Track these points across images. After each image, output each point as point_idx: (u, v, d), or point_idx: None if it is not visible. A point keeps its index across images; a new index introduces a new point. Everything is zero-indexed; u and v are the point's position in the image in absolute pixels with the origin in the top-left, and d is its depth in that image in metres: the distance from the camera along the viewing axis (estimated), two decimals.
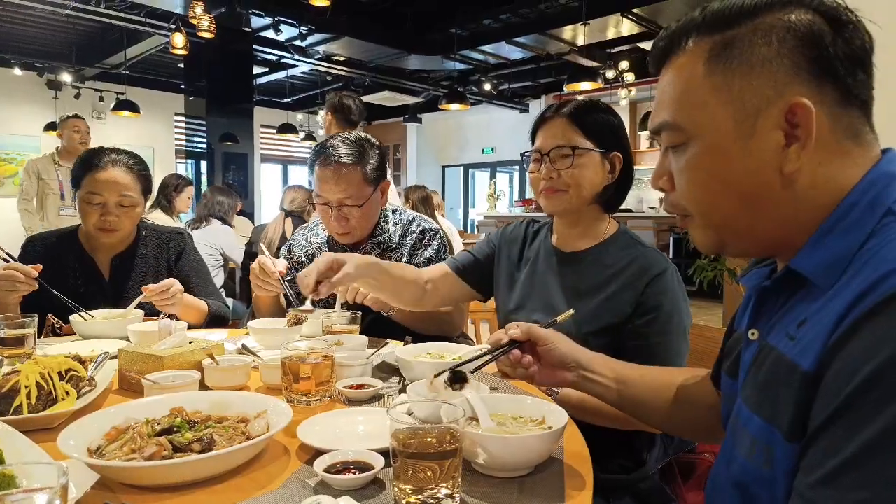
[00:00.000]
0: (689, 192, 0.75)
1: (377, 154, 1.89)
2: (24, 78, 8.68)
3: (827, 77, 0.66)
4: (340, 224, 1.85)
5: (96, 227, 1.87)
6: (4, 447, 0.81)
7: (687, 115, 0.72)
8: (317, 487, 0.83)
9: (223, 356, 1.35)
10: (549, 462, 0.92)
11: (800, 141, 0.66)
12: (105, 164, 1.88)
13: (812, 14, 0.67)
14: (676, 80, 0.74)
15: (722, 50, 0.69)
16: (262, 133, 11.42)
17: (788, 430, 0.63)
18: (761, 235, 0.73)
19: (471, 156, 12.54)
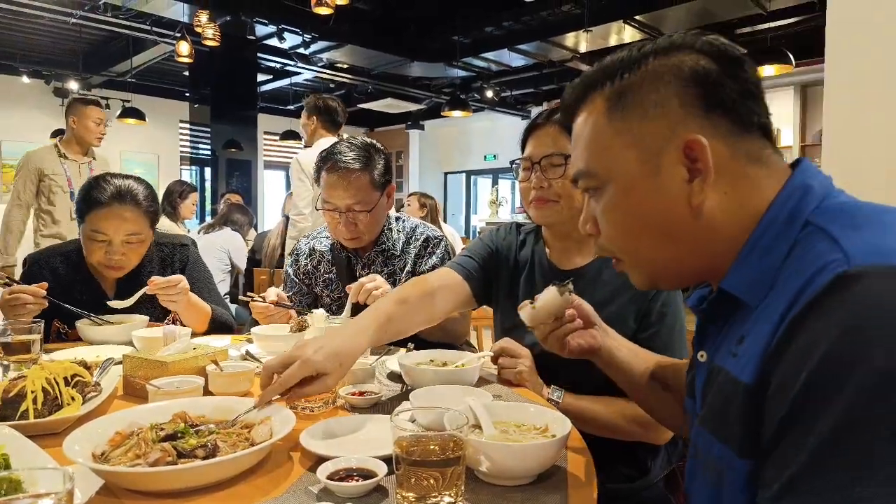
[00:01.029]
0: (611, 234, 0.80)
1: (383, 159, 1.91)
2: (32, 86, 8.75)
3: (718, 111, 0.71)
4: (349, 229, 1.86)
5: (101, 264, 1.81)
6: (11, 452, 0.82)
7: (597, 161, 0.78)
8: (320, 494, 0.83)
9: (227, 362, 1.35)
10: (553, 470, 0.92)
11: (701, 174, 0.70)
12: (110, 201, 1.76)
13: (697, 55, 0.72)
14: (584, 130, 0.79)
15: (618, 99, 0.75)
16: (265, 140, 11.46)
17: (739, 447, 0.65)
18: (687, 267, 0.77)
19: (473, 162, 12.56)
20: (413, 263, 1.96)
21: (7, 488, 0.68)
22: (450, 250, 2.02)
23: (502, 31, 7.84)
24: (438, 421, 0.84)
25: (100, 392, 1.17)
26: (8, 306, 1.62)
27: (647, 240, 0.76)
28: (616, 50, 0.79)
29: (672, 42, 0.75)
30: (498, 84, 9.74)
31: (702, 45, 0.73)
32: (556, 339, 1.07)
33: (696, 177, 0.70)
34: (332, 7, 4.84)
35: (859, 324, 0.54)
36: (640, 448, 1.35)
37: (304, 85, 10.60)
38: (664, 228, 0.74)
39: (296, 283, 2.05)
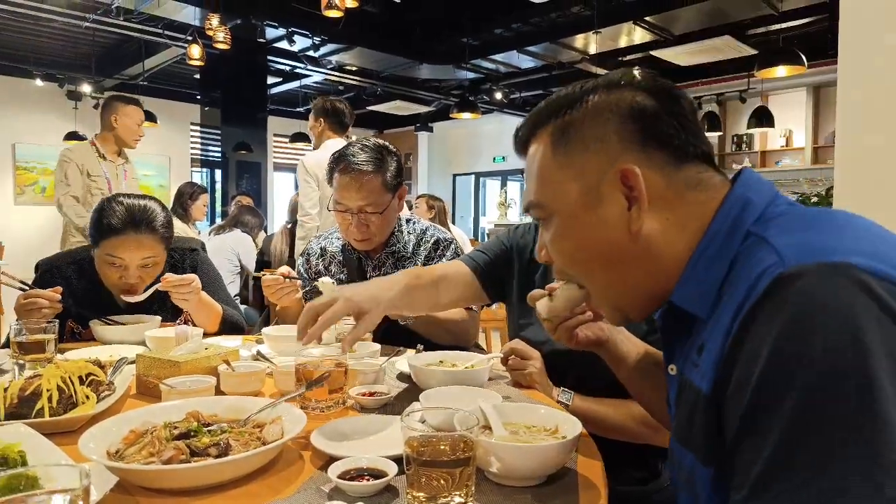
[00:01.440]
0: (560, 262, 0.84)
1: (395, 161, 1.91)
2: (45, 89, 8.84)
3: (653, 144, 0.75)
4: (360, 231, 1.87)
5: (116, 288, 1.82)
6: (27, 449, 0.83)
7: (543, 193, 0.82)
8: (331, 493, 0.84)
9: (238, 362, 1.36)
10: (563, 472, 0.92)
11: (637, 201, 0.74)
12: (125, 227, 1.73)
13: (636, 92, 0.77)
14: (533, 164, 0.84)
15: (562, 133, 0.80)
16: (275, 142, 11.52)
17: (703, 455, 0.67)
18: (641, 291, 0.80)
19: (482, 164, 12.56)
20: (423, 265, 1.96)
21: (24, 485, 0.69)
22: (460, 252, 2.03)
23: (511, 32, 7.84)
24: (448, 422, 0.84)
25: (114, 391, 1.18)
26: (24, 310, 1.64)
27: (594, 267, 0.81)
28: (626, 51, 0.81)
29: (613, 79, 0.79)
30: (507, 86, 9.74)
31: (641, 83, 0.78)
32: (566, 330, 1.07)
33: (633, 204, 0.74)
34: (342, 10, 4.86)
35: (797, 322, 0.56)
36: (650, 451, 1.34)
37: (314, 87, 10.65)
38: (608, 255, 0.78)
39: (307, 281, 2.06)
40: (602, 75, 0.82)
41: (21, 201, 8.89)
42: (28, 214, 8.87)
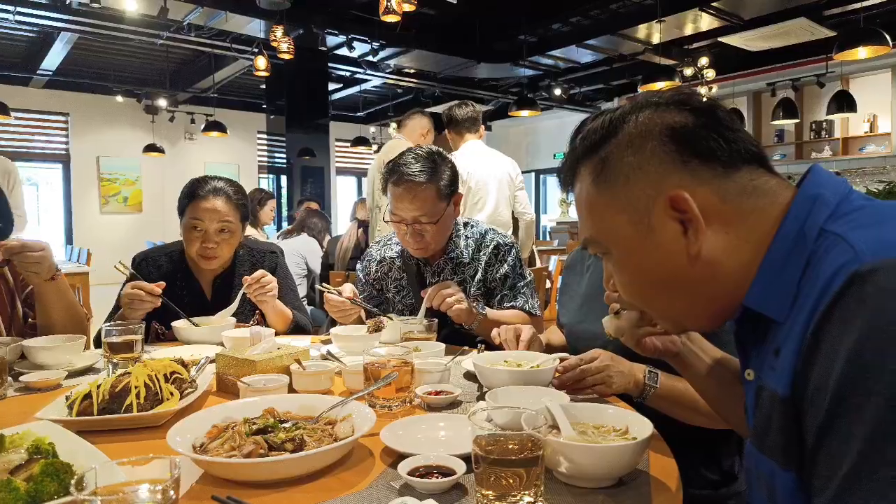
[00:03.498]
0: (626, 292, 0.84)
1: (449, 168, 1.90)
2: (126, 104, 9.43)
3: (695, 159, 0.73)
4: (416, 240, 1.87)
5: (198, 254, 1.98)
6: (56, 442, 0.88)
7: (597, 229, 0.82)
8: (401, 489, 0.85)
9: (309, 361, 1.41)
10: (636, 474, 0.90)
11: (693, 224, 0.72)
12: (206, 193, 1.98)
13: (666, 112, 0.76)
14: (580, 201, 0.84)
15: (601, 169, 0.79)
16: (336, 147, 11.82)
17: (782, 459, 0.65)
18: (705, 311, 0.79)
19: (542, 161, 12.44)
20: (483, 271, 1.95)
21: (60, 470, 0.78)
22: (520, 257, 2.01)
23: (570, 27, 7.73)
24: (515, 421, 0.84)
25: (195, 388, 1.24)
26: (127, 298, 1.77)
27: (657, 295, 0.80)
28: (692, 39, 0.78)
29: (640, 104, 0.78)
30: (566, 81, 9.60)
31: (670, 102, 0.76)
32: (633, 338, 1.05)
33: (689, 227, 0.72)
34: (400, 14, 4.93)
35: (875, 320, 0.54)
36: (724, 453, 1.29)
37: (373, 91, 10.86)
38: (670, 282, 0.77)
39: (366, 287, 2.10)
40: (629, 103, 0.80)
41: (106, 211, 9.50)
42: (112, 223, 9.48)
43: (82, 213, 9.36)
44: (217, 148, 10.57)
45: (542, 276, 3.50)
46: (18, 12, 6.13)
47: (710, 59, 8.02)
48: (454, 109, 3.79)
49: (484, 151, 3.78)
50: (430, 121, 4.20)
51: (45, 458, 0.82)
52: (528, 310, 1.95)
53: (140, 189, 9.79)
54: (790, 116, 8.34)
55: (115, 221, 9.46)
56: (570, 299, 1.63)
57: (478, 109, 3.80)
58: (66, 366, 1.48)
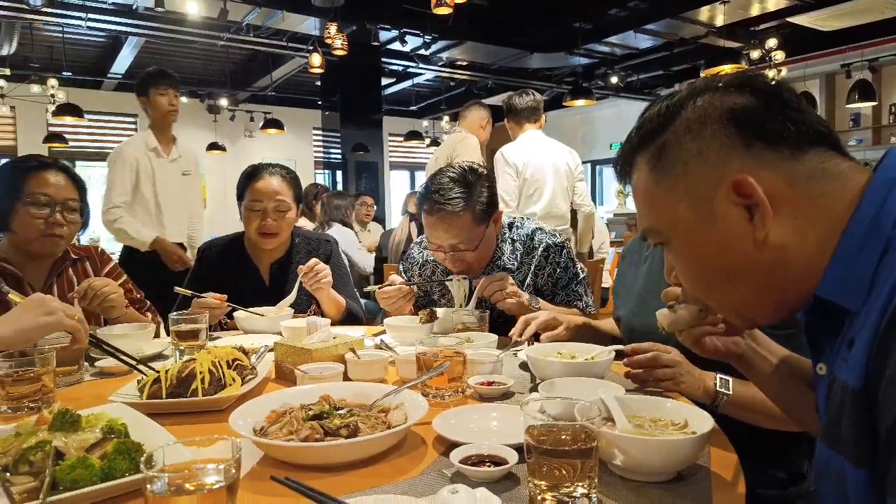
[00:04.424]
0: (688, 282, 0.81)
1: (486, 186, 1.80)
2: (189, 105, 9.80)
3: (758, 143, 0.70)
4: (456, 266, 1.82)
5: (257, 231, 2.10)
6: (128, 423, 0.93)
7: (656, 218, 0.80)
8: (453, 477, 0.86)
9: (363, 351, 1.44)
10: (695, 469, 0.87)
11: (759, 210, 0.69)
12: (263, 174, 2.12)
13: (726, 95, 0.73)
14: (638, 191, 0.82)
15: (659, 158, 0.77)
16: (390, 141, 11.94)
17: (854, 456, 0.61)
18: (772, 300, 0.75)
19: (598, 152, 12.17)
20: (534, 276, 1.88)
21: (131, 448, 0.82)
22: (573, 256, 1.95)
23: (627, 11, 7.50)
24: (569, 412, 0.83)
25: (256, 375, 1.29)
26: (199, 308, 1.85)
27: (721, 285, 0.77)
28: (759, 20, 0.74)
29: (699, 88, 0.75)
30: (623, 69, 9.34)
31: (730, 84, 0.74)
32: (691, 336, 1.01)
33: (755, 213, 0.70)
34: (451, 6, 4.92)
35: None
36: (795, 450, 1.24)
37: (426, 85, 10.90)
38: (735, 271, 0.74)
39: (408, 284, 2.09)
40: (688, 85, 0.78)
41: None
42: None
43: None
44: (275, 145, 10.88)
45: (597, 268, 3.41)
46: (90, 19, 6.49)
47: (778, 40, 7.59)
48: (514, 98, 3.72)
49: (542, 141, 3.71)
50: (489, 112, 4.18)
51: (118, 438, 0.86)
52: (583, 308, 1.91)
53: (204, 186, 10.17)
54: (867, 99, 7.83)
55: None
56: (626, 291, 1.59)
57: (538, 99, 3.71)
58: (137, 352, 1.56)
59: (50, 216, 1.73)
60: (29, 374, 1.15)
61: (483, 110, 4.14)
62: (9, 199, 1.72)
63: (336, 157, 9.97)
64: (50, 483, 0.74)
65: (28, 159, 1.82)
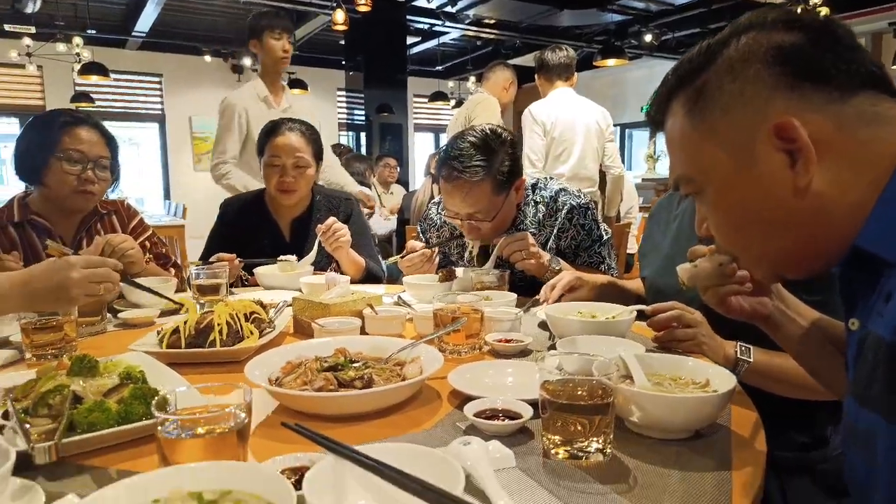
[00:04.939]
0: (721, 234, 0.78)
1: (508, 152, 1.69)
2: (213, 64, 9.77)
3: (805, 83, 0.66)
4: (473, 233, 1.76)
5: (276, 188, 2.10)
6: (146, 370, 0.95)
7: (691, 165, 0.76)
8: (467, 430, 0.85)
9: (381, 307, 1.43)
10: (714, 428, 0.85)
11: (802, 155, 0.65)
12: (283, 130, 2.11)
13: (772, 32, 0.68)
14: (672, 138, 0.78)
15: (696, 100, 0.73)
16: (414, 103, 11.79)
17: (887, 412, 0.58)
18: (806, 252, 0.72)
19: (628, 115, 11.85)
20: (556, 238, 1.81)
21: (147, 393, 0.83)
22: (597, 217, 1.88)
23: None
24: (586, 369, 0.81)
25: (273, 329, 1.29)
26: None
27: (756, 235, 0.74)
28: None
29: (743, 26, 0.71)
30: (658, 26, 8.98)
31: (777, 20, 0.69)
32: (716, 296, 0.97)
33: (799, 158, 0.66)
34: None
35: None
36: (820, 413, 1.20)
37: (452, 45, 10.67)
38: (771, 220, 0.71)
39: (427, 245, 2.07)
40: (732, 23, 0.72)
41: (199, 168, 10.02)
42: (205, 179, 9.95)
43: (177, 170, 9.92)
44: None
45: (623, 232, 3.34)
46: None
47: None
48: (546, 54, 3.60)
49: (573, 99, 3.60)
50: (513, 73, 4.06)
51: (135, 384, 0.87)
52: (605, 271, 1.86)
53: None
54: None
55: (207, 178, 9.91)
56: (652, 251, 1.55)
57: (571, 55, 3.59)
58: (158, 305, 1.59)
59: (82, 172, 1.74)
60: (51, 323, 1.17)
61: (507, 71, 4.01)
62: (42, 153, 1.73)
63: (360, 118, 9.88)
64: (66, 425, 0.75)
65: (62, 113, 1.82)
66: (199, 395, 0.74)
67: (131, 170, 9.53)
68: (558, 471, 0.74)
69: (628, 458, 0.77)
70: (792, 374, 1.06)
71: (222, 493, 0.56)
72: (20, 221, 1.76)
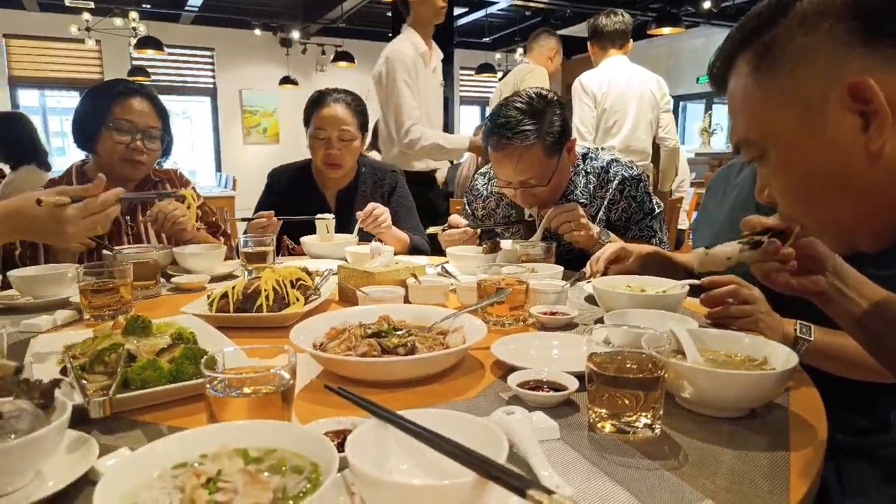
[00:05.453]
0: (785, 200, 0.74)
1: (558, 114, 1.66)
2: (263, 38, 9.88)
3: (885, 41, 0.61)
4: (527, 200, 1.73)
5: (322, 161, 2.11)
6: (196, 332, 0.97)
7: (754, 127, 0.72)
8: (510, 400, 0.84)
9: (425, 276, 1.43)
10: (771, 408, 0.81)
11: (877, 117, 0.61)
12: (329, 102, 2.11)
13: None
14: (736, 97, 0.74)
15: (763, 57, 0.69)
16: (461, 75, 11.65)
17: None
18: (879, 221, 0.68)
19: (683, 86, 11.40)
20: (606, 210, 1.76)
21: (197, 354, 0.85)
22: (650, 190, 1.81)
23: None
24: (636, 343, 0.78)
25: (319, 296, 1.31)
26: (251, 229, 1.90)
27: (823, 201, 0.70)
28: None
29: None
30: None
31: None
32: (761, 269, 0.93)
33: (873, 120, 0.61)
34: None
35: None
36: (884, 395, 1.14)
37: (499, 15, 10.45)
38: (840, 186, 0.67)
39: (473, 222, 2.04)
40: None
41: (248, 141, 10.22)
42: (254, 152, 10.19)
43: (228, 144, 10.15)
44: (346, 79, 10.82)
45: (675, 208, 3.23)
46: None
47: None
48: (601, 19, 3.42)
49: (626, 68, 3.41)
50: (558, 42, 3.93)
51: (186, 344, 0.89)
52: (656, 245, 1.80)
53: (277, 120, 10.38)
54: None
55: (256, 151, 10.17)
56: (707, 224, 1.48)
57: (627, 21, 3.40)
58: (209, 271, 1.63)
59: (131, 142, 1.79)
60: (108, 285, 1.21)
61: (552, 39, 3.86)
62: (95, 122, 1.79)
63: None
64: (120, 381, 0.78)
65: (116, 84, 1.87)
66: (246, 357, 0.75)
67: (184, 143, 9.80)
68: (604, 444, 0.72)
69: (679, 435, 0.74)
70: (854, 355, 1.00)
71: (267, 451, 0.57)
72: None
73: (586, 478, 0.64)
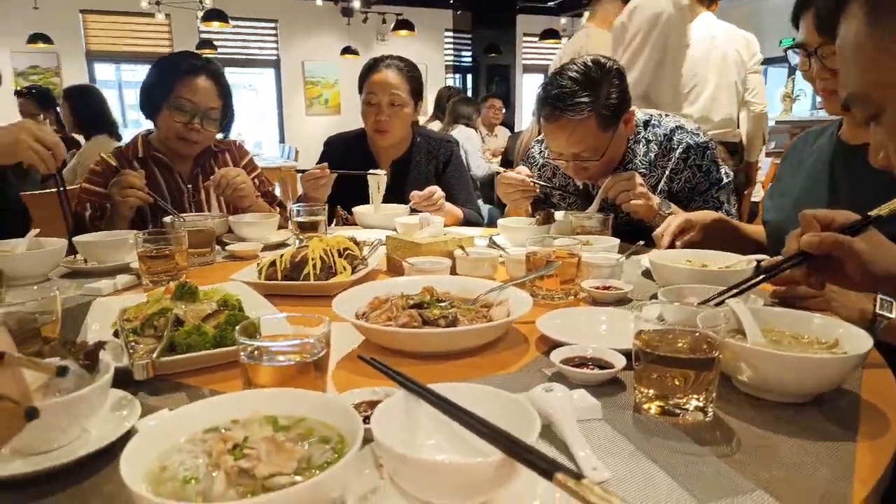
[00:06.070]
0: None
1: (614, 83, 1.57)
2: (324, 8, 9.92)
3: None
4: (579, 174, 1.66)
5: (372, 128, 2.09)
6: (242, 299, 0.98)
7: (867, 81, 0.65)
8: (553, 377, 0.81)
9: (473, 248, 1.40)
10: (840, 394, 0.75)
11: None
12: (380, 67, 2.09)
13: None
14: (846, 47, 0.66)
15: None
16: (524, 42, 11.35)
17: None
18: None
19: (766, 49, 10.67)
20: (669, 180, 1.66)
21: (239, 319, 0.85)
22: (717, 160, 1.69)
23: None
24: (691, 320, 0.73)
25: (366, 265, 1.30)
26: (306, 181, 1.95)
27: None
28: None
29: None
30: None
31: None
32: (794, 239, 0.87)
33: None
34: None
35: None
36: None
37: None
38: None
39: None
40: None
41: (310, 112, 10.38)
42: (316, 123, 10.34)
43: (291, 115, 10.35)
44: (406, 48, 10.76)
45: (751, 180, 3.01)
46: None
47: None
48: None
49: (710, 27, 3.13)
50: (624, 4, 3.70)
51: (231, 311, 0.91)
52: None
53: (338, 91, 10.48)
54: None
55: (318, 122, 10.32)
56: (781, 194, 1.38)
57: None
58: (262, 240, 1.66)
59: (189, 122, 1.82)
60: (165, 251, 1.25)
61: (618, 3, 3.61)
62: (160, 96, 1.82)
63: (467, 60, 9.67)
64: (166, 345, 0.80)
65: (183, 59, 1.88)
66: (288, 324, 0.75)
67: (250, 114, 10.04)
68: (649, 426, 0.68)
69: (733, 420, 0.69)
70: None
71: (296, 419, 0.56)
72: (144, 157, 1.89)
73: (626, 460, 0.61)
